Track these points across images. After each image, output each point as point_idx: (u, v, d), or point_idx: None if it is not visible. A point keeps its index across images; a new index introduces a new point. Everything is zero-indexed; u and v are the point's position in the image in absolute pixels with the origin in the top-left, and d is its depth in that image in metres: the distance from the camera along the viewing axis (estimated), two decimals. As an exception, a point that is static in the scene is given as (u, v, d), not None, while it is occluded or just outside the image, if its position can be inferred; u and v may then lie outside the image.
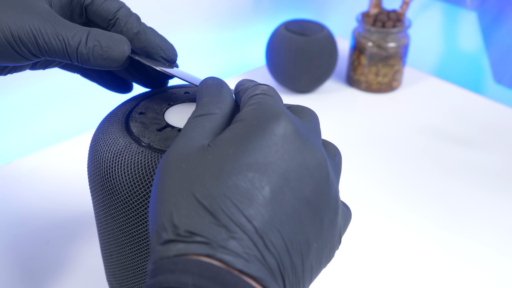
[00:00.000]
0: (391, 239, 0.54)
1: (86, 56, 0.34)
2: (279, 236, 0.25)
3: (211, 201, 0.25)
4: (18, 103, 0.65)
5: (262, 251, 0.25)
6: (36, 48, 0.33)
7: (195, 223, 0.24)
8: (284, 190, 0.26)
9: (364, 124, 0.71)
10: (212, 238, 0.24)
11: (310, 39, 0.72)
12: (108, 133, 0.36)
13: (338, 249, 0.30)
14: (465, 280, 0.50)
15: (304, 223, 0.26)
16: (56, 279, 0.49)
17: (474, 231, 0.55)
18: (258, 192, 0.25)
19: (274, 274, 0.25)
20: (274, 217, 0.25)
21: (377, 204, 0.58)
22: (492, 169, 0.64)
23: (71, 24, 0.34)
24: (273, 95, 0.29)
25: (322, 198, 0.27)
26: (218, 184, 0.25)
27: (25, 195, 0.58)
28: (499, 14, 0.79)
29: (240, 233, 0.25)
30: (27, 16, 0.33)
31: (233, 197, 0.25)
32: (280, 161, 0.26)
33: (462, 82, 0.86)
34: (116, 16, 0.37)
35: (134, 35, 0.37)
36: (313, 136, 0.29)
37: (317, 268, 0.28)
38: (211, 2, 0.78)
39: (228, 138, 0.26)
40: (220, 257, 0.24)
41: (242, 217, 0.25)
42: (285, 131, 0.27)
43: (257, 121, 0.27)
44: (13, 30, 0.33)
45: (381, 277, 0.50)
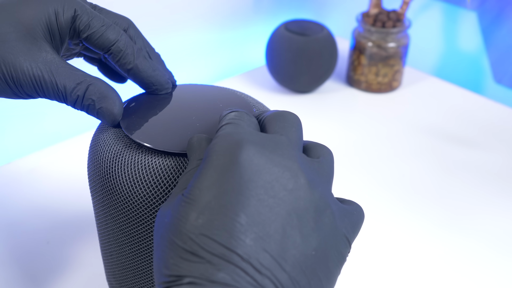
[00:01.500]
0: (391, 239, 0.54)
1: (81, 110, 0.36)
2: (268, 256, 0.26)
3: (191, 244, 0.26)
4: (18, 103, 0.65)
5: (253, 275, 0.25)
6: (35, 95, 0.35)
7: (181, 267, 0.26)
8: (259, 210, 0.26)
9: (364, 124, 0.71)
10: (199, 275, 0.25)
11: (310, 39, 0.72)
12: (108, 133, 0.36)
13: (348, 253, 0.29)
14: (465, 279, 0.50)
15: (290, 235, 0.26)
16: (56, 279, 0.49)
17: (474, 231, 0.55)
18: (234, 221, 0.26)
19: None
20: (256, 240, 0.26)
21: (377, 204, 0.58)
22: (492, 169, 0.64)
23: (72, 73, 0.35)
24: (237, 122, 0.30)
25: (304, 206, 0.27)
26: (194, 226, 0.26)
27: (25, 195, 0.58)
28: (499, 14, 0.79)
29: (225, 264, 0.25)
30: (29, 68, 0.34)
31: (210, 233, 0.26)
32: (247, 184, 0.26)
33: (462, 82, 0.86)
34: (110, 50, 0.37)
35: (127, 71, 0.38)
36: (282, 147, 0.28)
37: (327, 276, 0.28)
38: (211, 2, 0.78)
39: (195, 182, 0.27)
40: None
41: (223, 249, 0.25)
42: (246, 155, 0.27)
43: (216, 155, 0.28)
44: (16, 83, 0.34)
45: (381, 277, 0.50)
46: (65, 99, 0.35)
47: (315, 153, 0.31)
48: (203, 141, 0.31)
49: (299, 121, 0.32)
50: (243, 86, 0.79)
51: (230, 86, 0.79)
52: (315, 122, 0.72)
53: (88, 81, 0.35)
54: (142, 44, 0.40)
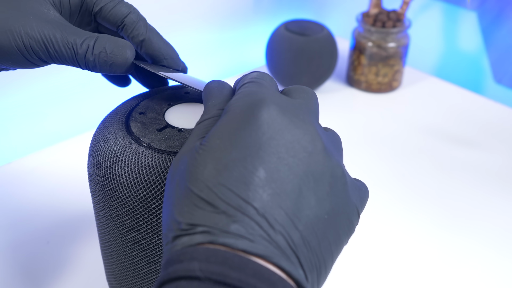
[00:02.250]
0: (391, 238, 0.54)
1: (93, 63, 0.35)
2: (283, 213, 0.26)
3: (207, 192, 0.25)
4: (19, 103, 0.65)
5: (267, 230, 0.25)
6: (47, 56, 0.35)
7: (195, 215, 0.25)
8: (279, 167, 0.26)
9: (364, 124, 0.72)
10: (213, 225, 0.25)
11: (310, 39, 0.72)
12: (108, 133, 0.36)
13: (357, 224, 0.29)
14: (465, 279, 0.50)
15: (306, 196, 0.26)
16: (56, 279, 0.49)
17: (474, 230, 0.55)
18: (253, 175, 0.26)
19: (284, 252, 0.25)
20: (273, 196, 0.26)
21: (377, 204, 0.58)
22: (492, 169, 0.64)
23: (80, 30, 0.35)
24: (260, 81, 0.30)
25: (321, 170, 0.27)
26: (212, 174, 0.26)
27: (25, 195, 0.58)
28: (499, 14, 0.79)
29: (241, 215, 0.25)
30: (38, 25, 0.34)
31: (229, 183, 0.25)
32: (269, 141, 0.27)
33: (462, 82, 0.87)
34: (123, 22, 0.38)
35: (140, 42, 0.38)
36: (303, 113, 0.29)
37: (336, 242, 0.28)
38: (211, 2, 0.78)
39: (215, 132, 0.27)
40: (222, 241, 0.24)
41: (240, 201, 0.25)
42: (269, 114, 0.27)
43: (240, 109, 0.27)
44: (25, 40, 0.34)
45: (381, 277, 0.50)
46: (75, 52, 0.34)
47: (328, 131, 0.32)
48: (224, 88, 0.31)
49: (316, 96, 0.32)
50: (243, 86, 0.79)
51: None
52: (315, 122, 0.72)
53: (96, 35, 0.35)
54: None
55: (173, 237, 0.26)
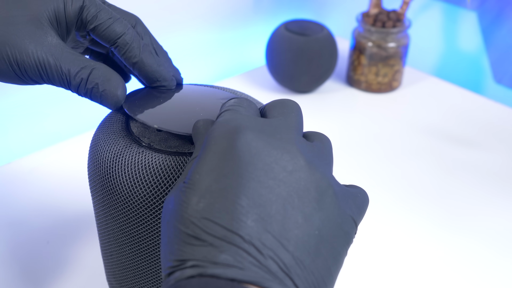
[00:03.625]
0: (391, 238, 0.54)
1: (85, 95, 0.36)
2: (270, 237, 0.26)
3: (193, 227, 0.26)
4: (18, 103, 0.65)
5: (256, 256, 0.25)
6: (40, 80, 0.35)
7: (184, 251, 0.26)
8: (260, 191, 0.26)
9: (364, 124, 0.72)
10: (202, 258, 0.25)
11: (310, 39, 0.72)
12: (108, 133, 0.36)
13: (355, 233, 0.29)
14: (465, 279, 0.50)
15: (292, 215, 0.26)
16: (56, 279, 0.49)
17: (474, 230, 0.55)
18: (235, 203, 0.26)
19: (276, 275, 0.25)
20: (258, 221, 0.26)
21: (377, 204, 0.58)
22: (492, 169, 0.64)
23: (76, 58, 0.35)
24: (235, 108, 0.30)
25: (304, 186, 0.27)
26: (195, 210, 0.26)
27: (25, 195, 0.58)
28: (499, 14, 0.79)
29: (227, 245, 0.25)
30: (34, 51, 0.34)
31: (212, 216, 0.26)
32: (246, 167, 0.27)
33: (462, 82, 0.87)
34: (116, 43, 0.37)
35: (132, 64, 0.38)
36: (281, 132, 0.29)
37: (333, 256, 0.28)
38: (211, 2, 0.78)
39: (195, 167, 0.28)
40: (212, 272, 0.25)
41: (225, 231, 0.25)
42: (243, 140, 0.27)
43: (214, 141, 0.28)
44: (20, 65, 0.34)
45: (381, 277, 0.50)
46: (69, 83, 0.35)
47: (313, 140, 0.31)
48: (209, 125, 0.32)
49: (299, 108, 0.32)
50: (243, 86, 0.79)
51: (230, 86, 0.79)
52: (315, 122, 0.72)
53: (92, 65, 0.35)
54: (149, 41, 0.40)
55: (166, 274, 0.26)
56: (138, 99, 0.37)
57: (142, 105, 0.36)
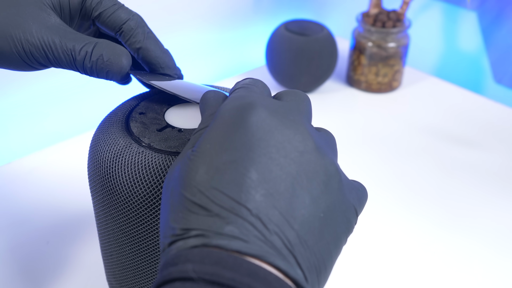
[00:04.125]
0: (391, 238, 0.54)
1: (90, 69, 0.36)
2: (277, 213, 0.26)
3: (200, 196, 0.26)
4: (18, 103, 0.65)
5: (262, 230, 0.25)
6: (46, 61, 0.35)
7: (189, 220, 0.26)
8: (271, 168, 0.26)
9: (364, 124, 0.72)
10: (207, 228, 0.25)
11: (310, 39, 0.72)
12: (109, 133, 0.36)
13: (355, 223, 0.29)
14: (465, 279, 0.50)
15: (300, 195, 0.26)
16: (56, 279, 0.49)
17: (474, 230, 0.55)
18: (244, 176, 0.26)
19: (280, 251, 0.25)
20: (266, 196, 0.26)
21: (377, 204, 0.58)
22: (492, 169, 0.64)
23: (79, 36, 0.35)
24: (250, 87, 0.30)
25: (314, 168, 0.27)
26: (204, 179, 0.26)
27: (25, 195, 0.58)
28: (499, 14, 0.79)
29: (234, 217, 0.25)
30: (38, 30, 0.34)
31: (221, 186, 0.26)
32: (258, 142, 0.27)
33: (462, 82, 0.87)
34: (121, 29, 0.38)
35: (137, 50, 0.38)
36: (293, 114, 0.29)
37: (335, 240, 0.28)
38: (211, 2, 0.78)
39: (205, 137, 0.27)
40: (216, 243, 0.25)
41: (233, 203, 0.25)
42: (257, 116, 0.27)
43: (228, 113, 0.28)
44: (24, 46, 0.34)
45: (381, 277, 0.50)
46: (74, 59, 0.35)
47: (320, 131, 0.32)
48: (220, 97, 0.32)
49: (309, 100, 0.32)
50: (243, 86, 0.79)
51: (230, 86, 0.79)
52: (315, 122, 0.72)
53: (95, 40, 0.35)
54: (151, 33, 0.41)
55: (168, 243, 0.26)
56: (146, 73, 0.38)
57: (150, 76, 0.37)
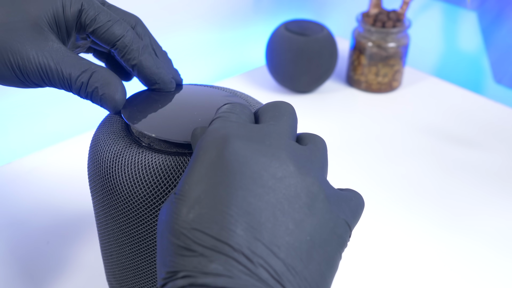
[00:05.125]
0: (391, 239, 0.54)
1: (86, 98, 0.36)
2: (260, 245, 0.26)
3: (184, 238, 0.26)
4: (18, 103, 0.65)
5: (246, 264, 0.25)
6: (42, 83, 0.35)
7: (176, 262, 0.26)
8: (249, 200, 0.26)
9: (364, 124, 0.72)
10: (193, 268, 0.25)
11: (310, 39, 0.72)
12: (109, 133, 0.36)
13: (349, 237, 0.29)
14: (465, 279, 0.50)
15: (282, 222, 0.26)
16: (56, 279, 0.49)
17: (474, 230, 0.55)
18: (224, 213, 0.26)
19: (267, 283, 0.25)
20: (247, 230, 0.26)
21: (377, 204, 0.58)
22: (492, 169, 0.64)
23: (77, 60, 0.35)
24: (226, 115, 0.30)
25: (294, 192, 0.27)
26: (186, 221, 0.26)
27: (25, 195, 0.58)
28: (499, 14, 0.79)
29: (217, 255, 0.25)
30: (35, 55, 0.34)
31: (201, 227, 0.26)
32: (234, 176, 0.27)
33: (462, 82, 0.87)
34: (116, 46, 0.37)
35: (132, 66, 0.38)
36: (271, 137, 0.29)
37: (327, 261, 0.28)
38: (211, 2, 0.78)
39: (184, 179, 0.28)
40: (202, 282, 0.25)
41: (214, 241, 0.26)
42: (231, 149, 0.27)
43: (203, 151, 0.28)
44: (22, 69, 0.34)
45: (381, 277, 0.50)
46: (70, 86, 0.35)
47: (307, 142, 0.31)
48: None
49: (292, 110, 0.32)
50: (243, 86, 0.79)
51: (230, 86, 0.79)
52: (315, 122, 0.72)
53: (92, 69, 0.35)
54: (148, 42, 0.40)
55: (160, 286, 0.27)
56: (137, 105, 0.37)
57: (141, 111, 0.36)
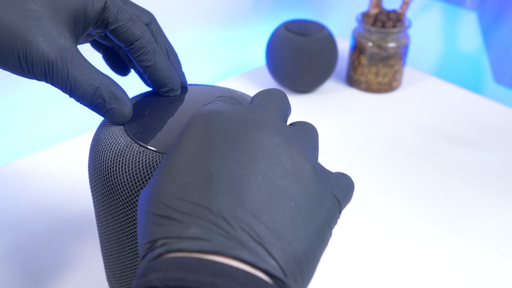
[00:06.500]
0: (391, 239, 0.54)
1: (86, 105, 0.35)
2: (241, 208, 0.26)
3: (165, 209, 0.26)
4: (18, 103, 0.65)
5: (225, 228, 0.25)
6: (43, 79, 0.35)
7: (156, 232, 0.26)
8: (231, 168, 0.26)
9: (364, 124, 0.72)
10: (171, 235, 0.25)
11: (310, 39, 0.72)
12: (109, 132, 0.36)
13: (340, 212, 0.29)
14: (465, 279, 0.50)
15: (265, 188, 0.26)
16: (56, 279, 0.49)
17: (474, 230, 0.55)
18: (204, 180, 0.26)
19: (247, 245, 0.25)
20: (228, 194, 0.26)
21: (377, 204, 0.58)
22: (492, 169, 0.64)
23: (86, 66, 0.34)
24: (215, 101, 0.31)
25: (280, 160, 0.27)
26: (168, 192, 0.26)
27: (25, 195, 0.58)
28: (499, 14, 0.79)
29: (196, 220, 0.25)
30: (46, 49, 0.33)
31: (182, 195, 0.26)
32: (216, 146, 0.27)
33: (462, 82, 0.87)
34: (133, 45, 0.37)
35: (145, 68, 0.38)
36: (259, 114, 0.29)
37: (313, 228, 0.27)
38: (211, 2, 0.78)
39: (168, 155, 0.28)
40: (178, 247, 0.25)
41: (194, 206, 0.26)
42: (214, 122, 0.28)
43: (187, 128, 0.29)
44: (28, 61, 0.33)
45: (381, 277, 0.50)
46: (71, 91, 0.34)
47: (297, 125, 0.32)
48: None
49: (283, 95, 0.32)
50: (243, 86, 0.79)
51: (230, 86, 0.79)
52: (315, 122, 0.72)
53: (99, 80, 0.35)
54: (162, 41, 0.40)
55: (140, 259, 0.27)
56: (140, 118, 0.37)
57: (141, 123, 0.36)
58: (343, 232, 0.55)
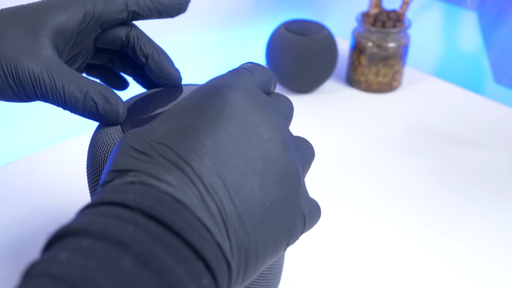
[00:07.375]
0: (391, 239, 0.54)
1: (80, 114, 0.35)
2: (220, 182, 0.26)
3: (148, 147, 0.26)
4: (18, 103, 0.65)
5: (200, 190, 0.25)
6: (34, 96, 0.35)
7: (130, 164, 0.26)
8: (227, 142, 0.26)
9: (364, 124, 0.72)
10: (146, 171, 0.25)
11: (310, 39, 0.72)
12: (106, 133, 0.36)
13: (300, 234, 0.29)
14: (465, 280, 0.50)
15: (250, 176, 0.26)
16: (56, 279, 0.49)
17: (474, 230, 0.55)
18: (198, 142, 0.26)
19: (213, 215, 0.25)
20: (214, 164, 0.26)
21: (377, 204, 0.58)
22: (492, 169, 0.64)
23: (72, 74, 0.35)
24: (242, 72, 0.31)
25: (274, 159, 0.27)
26: (157, 136, 0.26)
27: (25, 195, 0.58)
28: (499, 14, 0.79)
29: (176, 170, 0.25)
30: (30, 64, 0.34)
31: (171, 144, 0.26)
32: (222, 117, 0.27)
33: (462, 82, 0.86)
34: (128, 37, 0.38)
35: (147, 58, 0.39)
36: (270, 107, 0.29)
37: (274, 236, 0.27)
38: (210, 2, 0.78)
39: (174, 106, 0.28)
40: (152, 183, 0.25)
41: (178, 159, 0.25)
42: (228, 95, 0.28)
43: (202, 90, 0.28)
44: (15, 78, 0.34)
45: (380, 280, 0.50)
46: (62, 101, 0.34)
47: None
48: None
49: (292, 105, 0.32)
50: (243, 86, 0.79)
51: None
52: (315, 122, 0.72)
53: (87, 84, 0.35)
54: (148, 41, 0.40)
55: (104, 182, 0.26)
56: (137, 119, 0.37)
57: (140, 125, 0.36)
58: (343, 232, 0.55)
